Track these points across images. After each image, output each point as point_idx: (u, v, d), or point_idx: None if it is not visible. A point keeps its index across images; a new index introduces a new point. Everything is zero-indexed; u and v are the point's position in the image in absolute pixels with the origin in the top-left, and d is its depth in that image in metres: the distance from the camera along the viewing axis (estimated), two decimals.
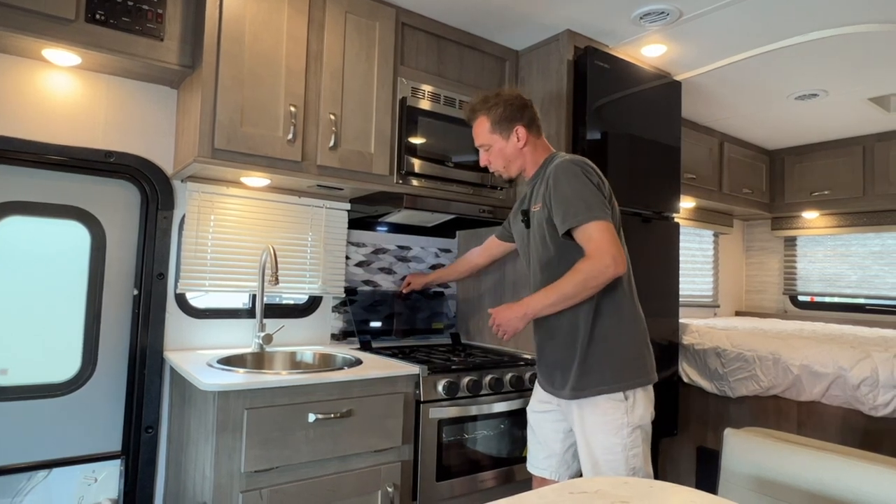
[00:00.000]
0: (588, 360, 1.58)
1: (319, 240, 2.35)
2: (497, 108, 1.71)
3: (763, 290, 4.13)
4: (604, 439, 1.55)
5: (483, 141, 1.77)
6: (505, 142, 1.73)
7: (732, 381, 2.54)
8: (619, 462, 1.53)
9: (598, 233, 1.52)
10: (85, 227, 1.95)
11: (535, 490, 0.97)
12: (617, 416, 1.54)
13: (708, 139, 3.39)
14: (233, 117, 1.79)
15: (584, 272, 1.51)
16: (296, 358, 2.14)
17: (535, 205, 1.71)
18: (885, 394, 2.13)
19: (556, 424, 1.73)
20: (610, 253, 1.50)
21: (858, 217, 3.56)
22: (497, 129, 1.73)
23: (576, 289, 1.52)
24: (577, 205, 1.54)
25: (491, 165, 1.79)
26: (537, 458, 1.78)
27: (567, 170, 1.59)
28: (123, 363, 2.00)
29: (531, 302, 1.59)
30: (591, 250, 1.52)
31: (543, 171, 1.71)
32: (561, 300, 1.55)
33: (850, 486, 1.28)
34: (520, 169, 1.77)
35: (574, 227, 1.54)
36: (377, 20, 2.12)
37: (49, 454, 1.86)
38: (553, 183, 1.60)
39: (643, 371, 1.60)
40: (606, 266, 1.50)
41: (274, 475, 1.59)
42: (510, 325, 1.61)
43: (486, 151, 1.78)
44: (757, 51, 2.38)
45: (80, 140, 1.90)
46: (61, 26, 1.64)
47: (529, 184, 1.78)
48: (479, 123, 1.76)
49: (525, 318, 1.60)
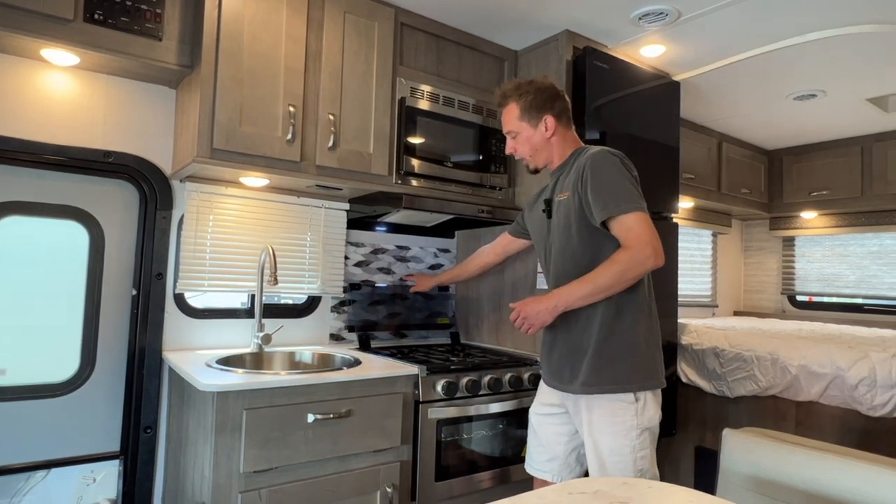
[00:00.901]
0: (602, 355, 1.54)
1: (318, 240, 2.35)
2: (528, 95, 1.68)
3: (761, 290, 4.13)
4: (612, 441, 1.52)
5: (511, 128, 1.72)
6: (533, 130, 1.69)
7: (731, 381, 2.54)
8: (626, 464, 1.51)
9: (638, 223, 1.48)
10: (83, 227, 1.95)
11: (534, 490, 0.97)
12: (627, 418, 1.51)
13: (707, 139, 3.40)
14: (231, 117, 1.79)
15: (623, 262, 1.47)
16: (295, 358, 2.14)
17: (560, 193, 1.66)
18: (883, 394, 2.14)
19: (560, 427, 1.69)
20: (651, 244, 1.46)
21: (857, 217, 3.56)
22: (526, 116, 1.69)
23: (612, 280, 1.48)
24: (618, 194, 1.50)
25: (516, 153, 1.75)
26: (538, 461, 1.75)
27: (606, 159, 1.56)
28: (122, 363, 1.99)
29: (562, 294, 1.53)
30: (630, 240, 1.48)
31: (572, 161, 1.67)
32: (596, 292, 1.50)
33: (848, 486, 1.29)
34: (546, 160, 1.73)
35: (612, 217, 1.50)
36: (376, 20, 2.12)
37: (48, 454, 1.86)
38: (590, 171, 1.55)
39: (655, 373, 1.57)
40: (647, 257, 1.46)
41: (273, 475, 1.59)
42: (538, 319, 1.55)
43: (513, 139, 1.74)
44: (756, 51, 2.38)
45: (78, 140, 1.90)
46: (60, 26, 1.64)
47: (554, 174, 1.74)
48: (509, 110, 1.72)
49: (555, 311, 1.54)
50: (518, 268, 2.44)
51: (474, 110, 2.35)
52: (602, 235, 1.56)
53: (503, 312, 2.50)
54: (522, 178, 2.45)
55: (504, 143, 2.40)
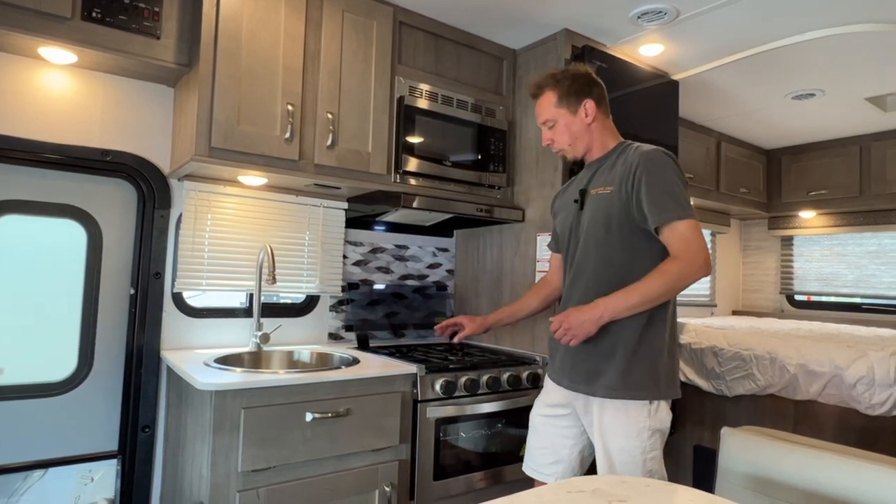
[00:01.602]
0: (631, 361, 1.50)
1: (317, 239, 2.34)
2: (565, 81, 1.62)
3: (760, 289, 4.13)
4: (623, 442, 1.49)
5: (548, 116, 1.65)
6: (572, 117, 1.62)
7: (729, 381, 2.54)
8: (636, 465, 1.48)
9: (691, 232, 1.44)
10: (81, 225, 1.95)
11: (532, 489, 0.97)
12: (640, 420, 1.49)
13: (705, 138, 3.40)
14: (230, 116, 1.78)
15: (674, 273, 1.43)
16: (293, 357, 2.14)
17: (600, 187, 1.59)
18: (881, 393, 2.14)
19: (567, 430, 1.65)
20: (703, 254, 1.43)
21: (855, 217, 3.56)
22: (564, 103, 1.62)
23: (663, 291, 1.44)
24: (675, 199, 1.46)
25: (554, 144, 1.67)
26: (540, 463, 1.69)
27: (664, 160, 1.51)
28: (120, 362, 1.99)
29: (608, 304, 1.46)
30: (681, 249, 1.44)
31: (616, 156, 1.61)
32: (645, 302, 1.45)
33: (847, 485, 1.29)
34: (585, 148, 1.65)
35: (667, 223, 1.46)
36: (375, 19, 2.11)
37: (45, 454, 1.86)
38: (646, 171, 1.49)
39: (675, 382, 1.55)
40: (699, 268, 1.42)
41: (271, 474, 1.59)
42: (583, 330, 1.47)
43: (549, 128, 1.66)
44: (754, 50, 2.38)
45: (76, 139, 1.90)
46: (57, 24, 1.64)
47: (592, 166, 1.66)
48: (545, 99, 1.65)
49: (601, 321, 1.46)
50: (517, 265, 2.44)
51: (473, 109, 2.35)
52: (642, 238, 1.51)
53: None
54: (521, 176, 2.45)
55: (503, 141, 2.41)
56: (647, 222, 1.49)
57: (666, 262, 1.46)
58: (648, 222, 1.49)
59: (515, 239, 2.46)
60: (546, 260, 2.29)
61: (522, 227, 2.42)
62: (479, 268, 2.66)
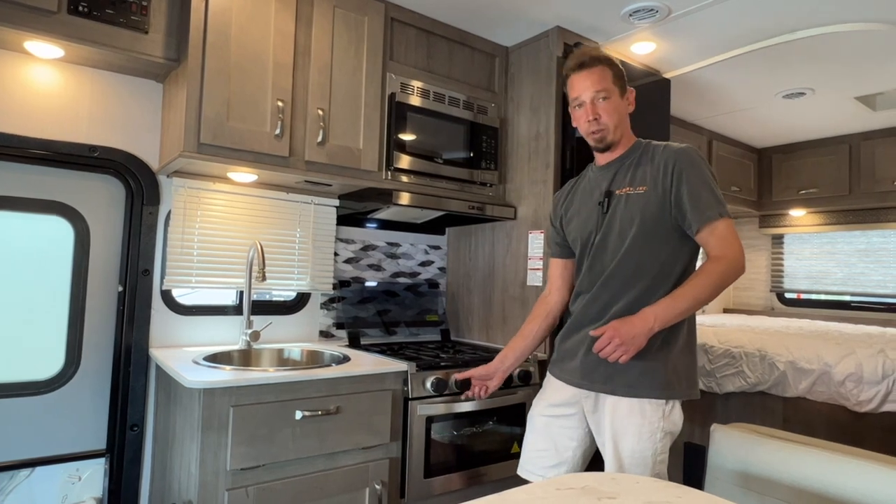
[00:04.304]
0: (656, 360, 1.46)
1: (308, 236, 2.33)
2: (616, 65, 1.56)
3: (751, 287, 4.16)
4: (635, 443, 1.45)
5: (605, 86, 1.53)
6: (621, 100, 1.57)
7: (720, 378, 2.55)
8: (646, 467, 1.45)
9: (730, 231, 1.43)
10: (68, 222, 1.93)
11: (522, 486, 0.96)
12: (654, 420, 1.45)
13: (697, 137, 3.41)
14: (219, 112, 1.77)
15: (720, 274, 1.40)
16: (283, 355, 2.12)
17: (628, 187, 1.54)
18: (869, 389, 2.15)
19: (573, 431, 1.58)
20: (742, 255, 1.42)
21: (844, 215, 3.59)
22: (618, 83, 1.55)
23: (710, 292, 1.40)
24: (715, 196, 1.44)
25: (601, 119, 1.54)
26: (540, 465, 1.60)
27: (698, 158, 1.48)
28: (108, 360, 1.97)
29: (658, 312, 1.40)
30: (722, 249, 1.41)
31: (639, 154, 1.57)
32: (694, 307, 1.41)
33: (835, 481, 1.30)
34: (621, 136, 1.57)
35: (706, 223, 1.43)
36: (366, 15, 2.10)
37: (32, 453, 1.84)
38: (686, 170, 1.46)
39: (693, 383, 1.52)
40: (740, 267, 1.41)
41: (260, 473, 1.58)
42: (635, 343, 1.38)
43: (603, 100, 1.53)
44: (745, 49, 2.39)
45: (63, 134, 1.87)
46: (43, 18, 1.61)
47: (611, 166, 1.60)
48: (601, 70, 1.54)
49: (652, 332, 1.39)
50: (508, 263, 2.44)
51: (465, 106, 2.34)
52: (677, 238, 1.49)
53: (493, 309, 2.50)
54: (513, 174, 2.45)
55: (495, 139, 2.40)
56: (686, 221, 1.46)
57: (708, 262, 1.42)
58: (688, 221, 1.45)
59: (507, 237, 2.46)
60: (538, 258, 2.29)
61: (514, 225, 2.42)
62: (470, 265, 2.65)
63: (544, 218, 2.27)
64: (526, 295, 2.33)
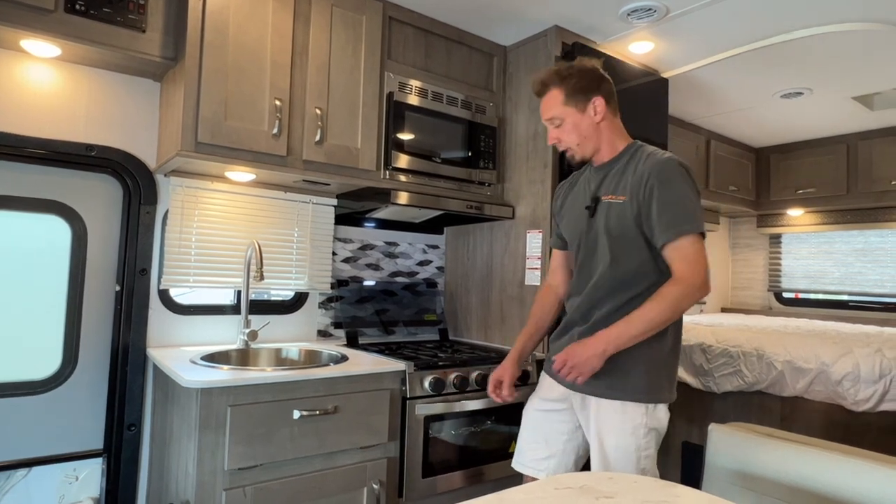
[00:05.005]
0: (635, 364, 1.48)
1: (306, 235, 2.33)
2: (571, 78, 1.54)
3: (748, 286, 4.16)
4: (619, 440, 1.48)
5: (554, 114, 1.55)
6: (580, 115, 1.54)
7: (717, 377, 2.55)
8: (630, 463, 1.47)
9: (693, 250, 1.40)
10: (66, 221, 1.92)
11: (520, 486, 0.96)
12: (637, 417, 1.48)
13: (695, 137, 3.41)
14: (216, 111, 1.76)
15: (675, 297, 1.39)
16: (281, 354, 2.12)
17: (612, 194, 1.53)
18: (866, 389, 2.16)
19: (563, 424, 1.63)
20: (701, 275, 1.39)
21: (842, 215, 3.60)
22: (572, 101, 1.53)
23: (664, 316, 1.40)
24: (684, 211, 1.42)
25: (561, 143, 1.59)
26: (532, 458, 1.66)
27: (676, 171, 1.45)
28: (105, 360, 1.97)
29: (611, 337, 1.42)
30: (682, 271, 1.40)
31: (627, 159, 1.55)
32: (648, 330, 1.41)
33: (832, 480, 1.30)
34: (594, 149, 1.57)
35: (670, 241, 1.42)
36: (364, 14, 2.10)
37: (28, 452, 1.83)
38: (658, 182, 1.44)
39: (672, 387, 1.54)
40: (698, 290, 1.39)
41: (258, 472, 1.57)
42: (587, 366, 1.42)
43: (556, 126, 1.57)
44: (743, 48, 2.39)
45: (60, 133, 1.87)
46: (40, 16, 1.61)
47: (601, 170, 1.59)
48: (551, 97, 1.56)
49: (605, 354, 1.42)
50: (507, 263, 2.43)
51: (463, 106, 2.34)
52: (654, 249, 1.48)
53: (492, 308, 2.50)
54: (511, 173, 2.45)
55: (493, 138, 2.40)
56: (654, 237, 1.46)
57: (666, 285, 1.42)
58: (655, 238, 1.46)
59: (505, 236, 2.45)
60: (536, 257, 2.29)
61: (512, 225, 2.42)
62: (469, 265, 2.65)
63: (542, 217, 2.27)
64: (524, 294, 2.33)
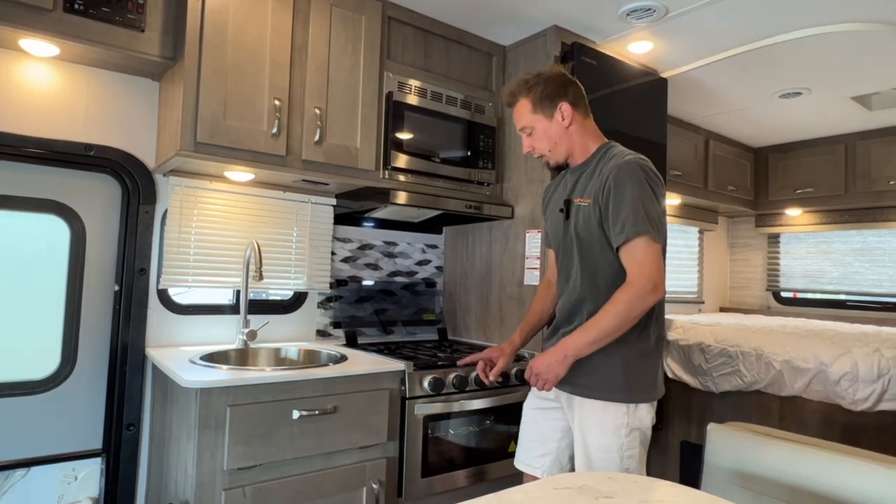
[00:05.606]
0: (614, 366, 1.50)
1: (305, 235, 2.32)
2: (538, 87, 1.58)
3: (747, 286, 4.17)
4: (600, 438, 1.50)
5: (525, 123, 1.61)
6: (549, 122, 1.58)
7: (716, 377, 2.56)
8: (613, 462, 1.49)
9: (644, 252, 1.42)
10: (64, 221, 1.92)
11: (519, 486, 0.96)
12: (618, 417, 1.49)
13: (693, 136, 3.41)
14: (216, 110, 1.76)
15: (624, 303, 1.41)
16: (280, 354, 2.12)
17: (580, 197, 1.57)
18: (865, 388, 2.16)
19: (556, 423, 1.66)
20: (651, 278, 1.40)
21: (840, 214, 3.60)
22: (539, 108, 1.58)
23: (617, 323, 1.42)
24: (636, 214, 1.42)
25: (535, 151, 1.63)
26: (530, 456, 1.70)
27: (632, 174, 1.45)
28: (104, 360, 1.96)
29: (568, 345, 1.46)
30: (632, 274, 1.42)
31: (597, 161, 1.57)
32: (603, 337, 1.44)
33: (831, 480, 1.30)
34: (567, 153, 1.61)
35: (623, 243, 1.44)
36: (363, 13, 2.10)
37: (27, 452, 1.83)
38: (614, 185, 1.46)
39: (655, 385, 1.55)
40: (648, 293, 1.40)
41: (257, 472, 1.57)
42: (551, 373, 1.47)
43: (528, 135, 1.62)
44: (742, 48, 2.39)
45: (59, 133, 1.86)
46: (38, 15, 1.60)
47: (575, 172, 1.62)
48: (520, 107, 1.61)
49: (566, 361, 1.46)
50: (506, 262, 2.44)
51: (462, 105, 2.34)
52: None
53: (491, 308, 2.50)
54: (510, 173, 2.45)
55: (492, 138, 2.40)
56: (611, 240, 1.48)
57: (619, 290, 1.44)
58: (612, 241, 1.48)
59: (504, 236, 2.46)
60: (535, 257, 2.29)
61: (511, 224, 2.42)
62: (468, 265, 2.65)
63: (541, 217, 2.27)
64: (523, 294, 2.33)
